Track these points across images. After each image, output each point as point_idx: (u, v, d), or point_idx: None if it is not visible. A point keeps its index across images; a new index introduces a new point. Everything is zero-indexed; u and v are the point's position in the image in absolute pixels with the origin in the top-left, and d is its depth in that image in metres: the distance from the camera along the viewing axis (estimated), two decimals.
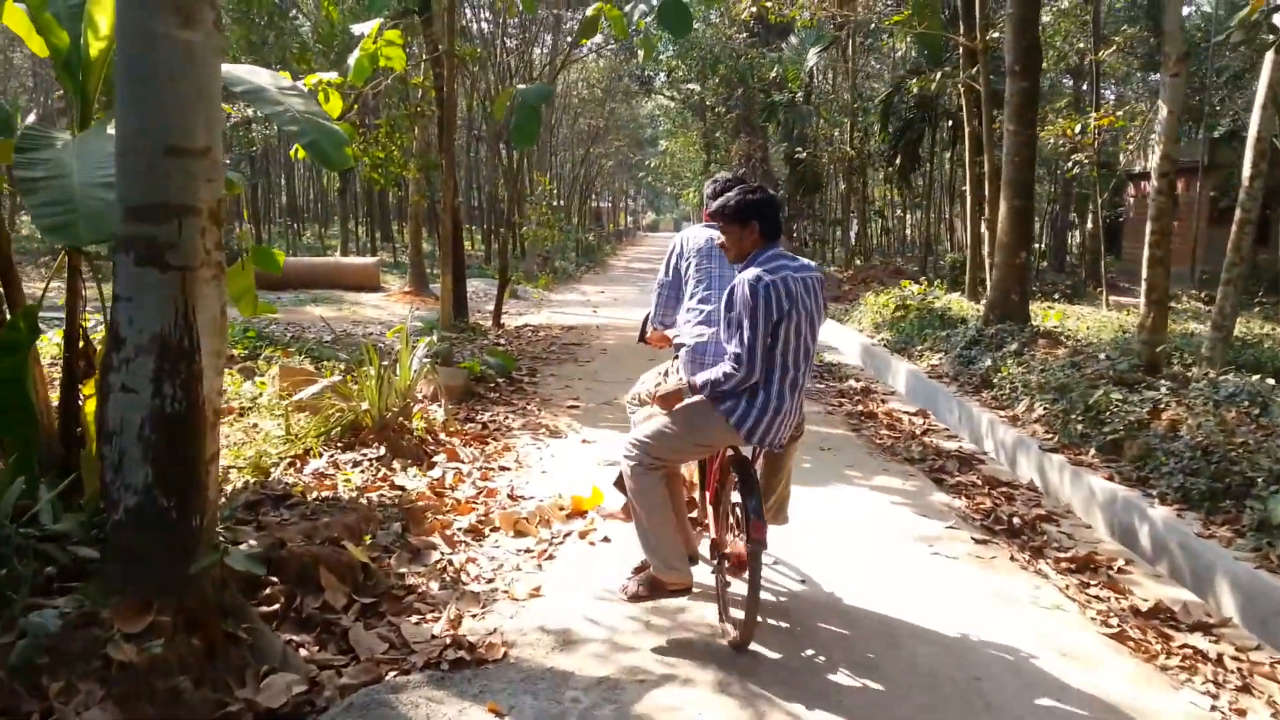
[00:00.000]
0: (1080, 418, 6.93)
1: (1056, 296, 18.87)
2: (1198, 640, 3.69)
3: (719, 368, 3.38)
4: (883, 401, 8.76)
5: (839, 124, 25.45)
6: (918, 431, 7.44)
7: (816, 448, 6.62)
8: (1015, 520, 5.12)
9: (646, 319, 4.33)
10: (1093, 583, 4.28)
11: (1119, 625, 3.71)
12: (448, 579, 3.86)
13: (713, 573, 3.74)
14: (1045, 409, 7.44)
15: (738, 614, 3.36)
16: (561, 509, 4.82)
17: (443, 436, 6.31)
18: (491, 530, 4.53)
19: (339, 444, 5.71)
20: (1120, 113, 15.62)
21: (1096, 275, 24.14)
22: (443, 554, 4.13)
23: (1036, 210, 14.51)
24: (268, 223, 37.96)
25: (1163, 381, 7.16)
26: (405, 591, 3.67)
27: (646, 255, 42.78)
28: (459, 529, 4.44)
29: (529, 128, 7.48)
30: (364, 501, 4.60)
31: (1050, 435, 7.00)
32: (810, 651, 3.38)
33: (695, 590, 3.59)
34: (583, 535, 4.50)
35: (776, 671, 3.21)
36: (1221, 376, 6.98)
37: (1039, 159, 18.35)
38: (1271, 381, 6.76)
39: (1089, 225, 24.29)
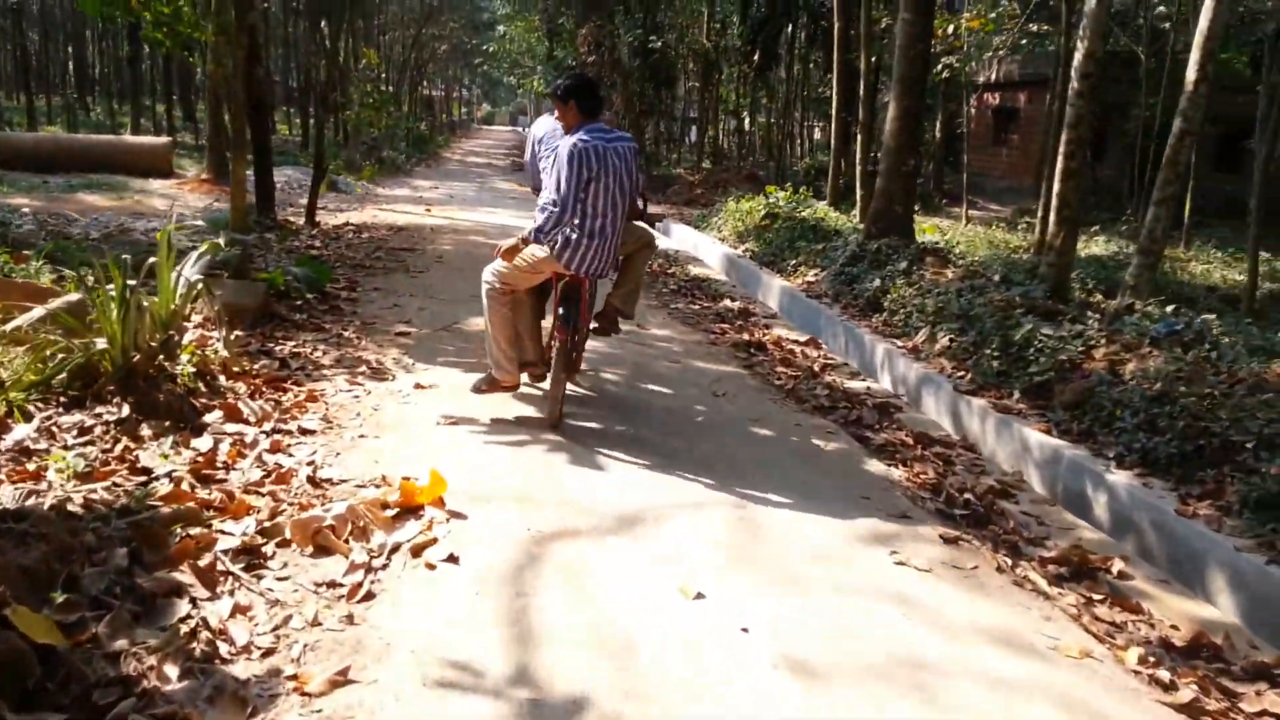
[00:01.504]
0: (996, 353, 6.02)
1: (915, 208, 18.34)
2: (1272, 701, 2.72)
3: (541, 217, 4.44)
4: (767, 328, 7.64)
5: (695, 13, 23.86)
6: (816, 367, 6.35)
7: (710, 393, 5.40)
8: (968, 498, 4.10)
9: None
10: (1097, 598, 3.28)
11: (1172, 681, 2.70)
12: (197, 654, 2.40)
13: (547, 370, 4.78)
14: (951, 340, 6.50)
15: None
16: (385, 505, 3.38)
17: (223, 381, 4.70)
18: (279, 546, 3.06)
19: (61, 399, 4.03)
20: (993, 15, 14.88)
21: (941, 187, 23.96)
22: (195, 602, 2.65)
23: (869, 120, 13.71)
24: (47, 94, 33.13)
25: (1090, 314, 6.33)
26: (118, 693, 2.20)
27: (483, 149, 40.26)
28: (225, 550, 2.95)
29: None
30: (76, 507, 3.03)
31: (961, 373, 6.08)
32: None
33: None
34: (417, 552, 3.09)
35: None
36: (1152, 308, 6.20)
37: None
38: (1210, 316, 6.04)
39: (937, 135, 23.90)
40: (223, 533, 3.08)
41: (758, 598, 2.95)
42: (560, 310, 4.54)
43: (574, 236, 4.42)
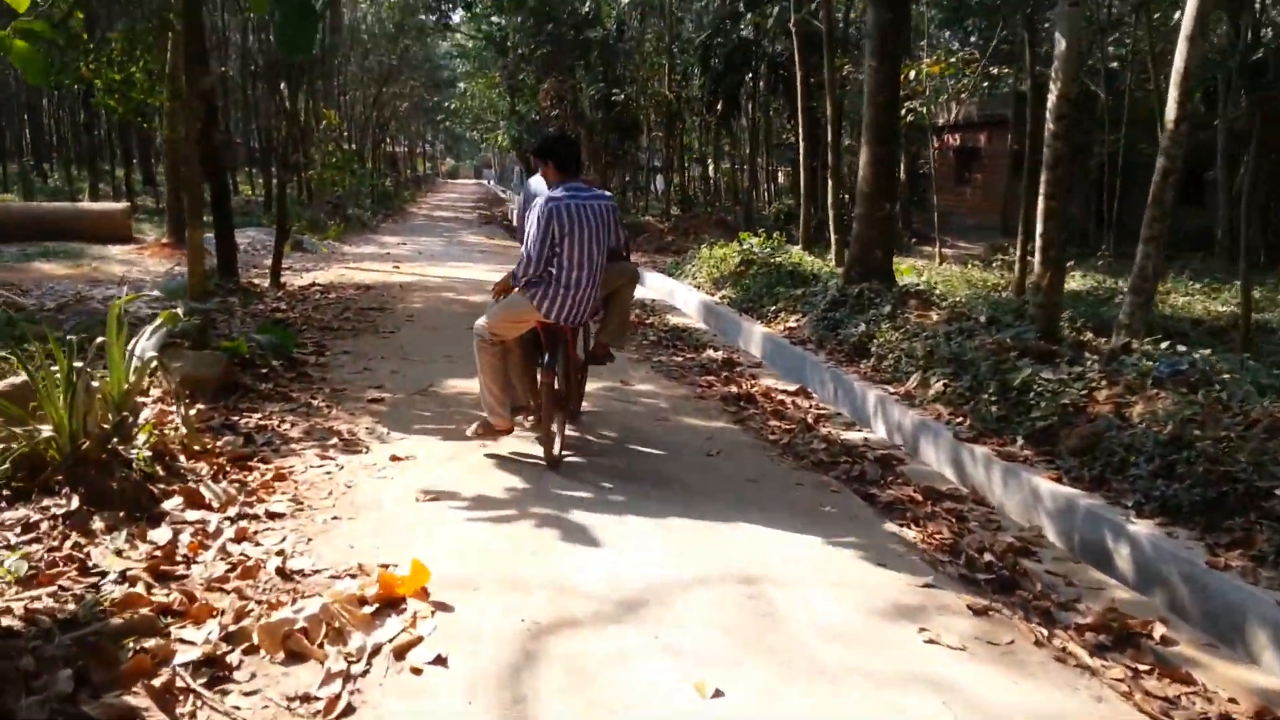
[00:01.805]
0: (994, 398, 5.82)
1: None
2: None
3: (518, 264, 4.75)
4: (754, 378, 7.40)
5: (656, 65, 24.01)
6: (810, 419, 6.11)
7: (703, 453, 5.13)
8: (990, 559, 3.84)
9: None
10: (1144, 669, 3.02)
11: None
12: None
13: (540, 413, 4.88)
14: (946, 385, 6.30)
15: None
16: (363, 600, 3.06)
17: (184, 462, 4.36)
18: (246, 654, 2.74)
19: (4, 493, 3.68)
20: (953, 59, 15.01)
21: (909, 226, 24.11)
22: None
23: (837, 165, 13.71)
24: (3, 162, 32.64)
25: (1087, 355, 6.16)
26: None
27: (449, 203, 40.18)
28: (185, 663, 2.62)
29: (301, 31, 5.52)
30: (15, 619, 2.69)
31: (959, 419, 5.87)
32: None
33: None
34: (401, 654, 2.78)
35: None
36: (1149, 347, 6.03)
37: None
38: (1206, 352, 5.88)
39: (902, 177, 24.04)
40: (182, 641, 2.75)
41: (782, 694, 2.66)
42: (545, 356, 4.75)
43: (552, 289, 4.65)
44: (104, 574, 3.16)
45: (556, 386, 4.72)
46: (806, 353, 7.82)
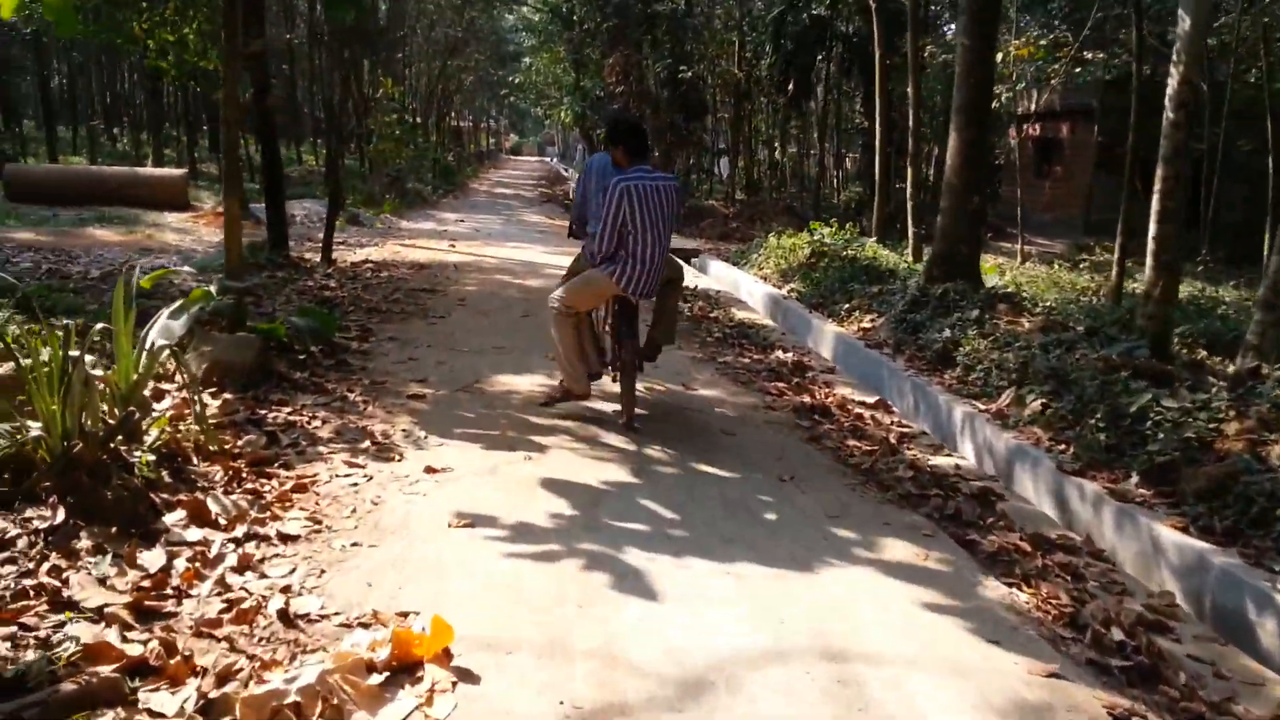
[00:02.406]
0: (1102, 424, 5.14)
1: None
2: None
3: (591, 243, 5.27)
4: (828, 386, 6.77)
5: (726, 42, 23.23)
6: (892, 439, 5.47)
7: (776, 478, 4.54)
8: (1121, 638, 3.21)
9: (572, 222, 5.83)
10: None
11: None
12: None
13: (612, 380, 5.44)
14: (1044, 405, 5.64)
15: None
16: (371, 666, 2.55)
17: (196, 463, 3.91)
18: None
19: None
20: (1044, 43, 14.10)
21: (984, 220, 23.09)
22: None
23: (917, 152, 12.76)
24: (74, 125, 33.03)
25: (1210, 380, 5.45)
26: None
27: (511, 179, 39.82)
28: None
29: None
30: None
31: (1061, 445, 5.20)
32: None
33: None
34: None
35: None
36: None
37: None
38: None
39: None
40: (150, 714, 2.27)
41: None
42: (621, 327, 5.20)
43: (628, 264, 4.98)
44: (79, 606, 2.70)
45: (631, 354, 5.15)
46: (883, 358, 7.19)
